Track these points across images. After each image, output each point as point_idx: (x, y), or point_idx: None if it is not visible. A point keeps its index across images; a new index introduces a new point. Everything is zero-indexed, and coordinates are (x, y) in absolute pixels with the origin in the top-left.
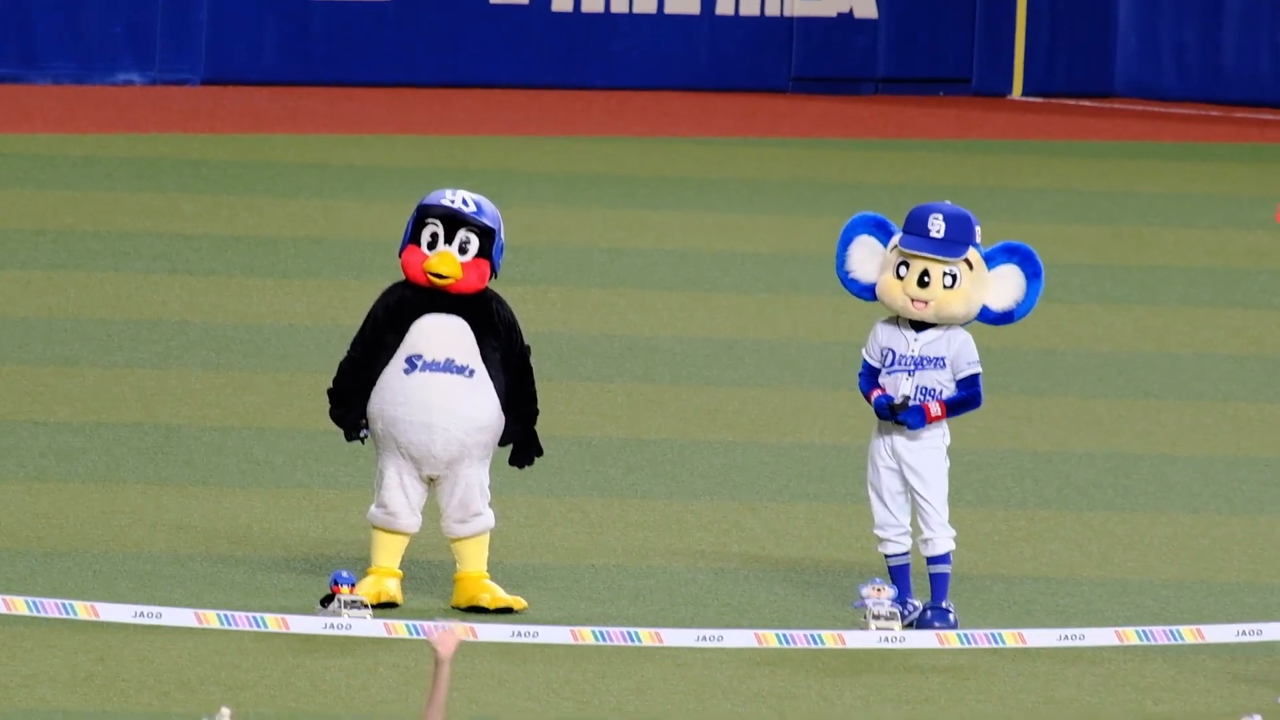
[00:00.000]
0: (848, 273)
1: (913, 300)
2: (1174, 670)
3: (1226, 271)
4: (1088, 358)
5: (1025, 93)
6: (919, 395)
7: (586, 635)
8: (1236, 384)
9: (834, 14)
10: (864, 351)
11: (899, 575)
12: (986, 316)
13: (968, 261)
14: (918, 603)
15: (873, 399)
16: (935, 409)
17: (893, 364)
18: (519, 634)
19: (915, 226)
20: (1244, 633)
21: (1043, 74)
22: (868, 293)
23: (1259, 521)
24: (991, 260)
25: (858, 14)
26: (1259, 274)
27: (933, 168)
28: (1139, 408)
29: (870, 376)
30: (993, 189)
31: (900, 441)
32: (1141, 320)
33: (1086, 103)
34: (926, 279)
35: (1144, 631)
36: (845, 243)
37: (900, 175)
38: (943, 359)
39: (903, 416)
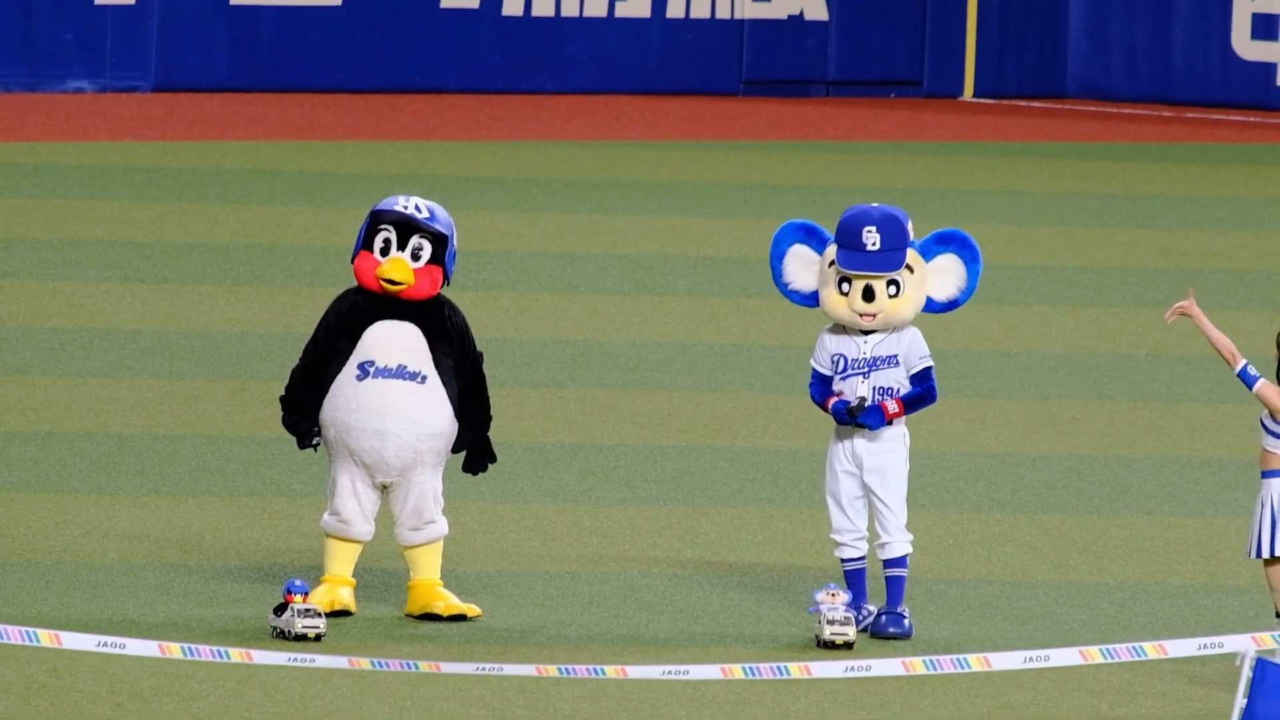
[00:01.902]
0: (786, 284)
1: (860, 315)
2: (1130, 674)
3: (1179, 272)
4: (1041, 359)
5: (976, 94)
6: (877, 395)
7: (551, 671)
8: (1190, 385)
9: (784, 16)
10: (813, 361)
11: (855, 580)
12: (932, 307)
13: (908, 266)
14: (872, 608)
15: (830, 405)
16: (893, 407)
17: (845, 369)
18: (483, 669)
19: (849, 239)
20: (1205, 646)
21: (994, 76)
22: (810, 300)
23: (1214, 523)
24: (928, 253)
25: (808, 16)
26: (1212, 274)
27: (884, 170)
28: (1093, 409)
29: (822, 384)
30: (945, 191)
31: (861, 444)
32: (1095, 321)
33: (1038, 104)
34: (871, 293)
35: (1108, 650)
36: (778, 256)
37: (852, 177)
38: (895, 357)
39: (862, 419)
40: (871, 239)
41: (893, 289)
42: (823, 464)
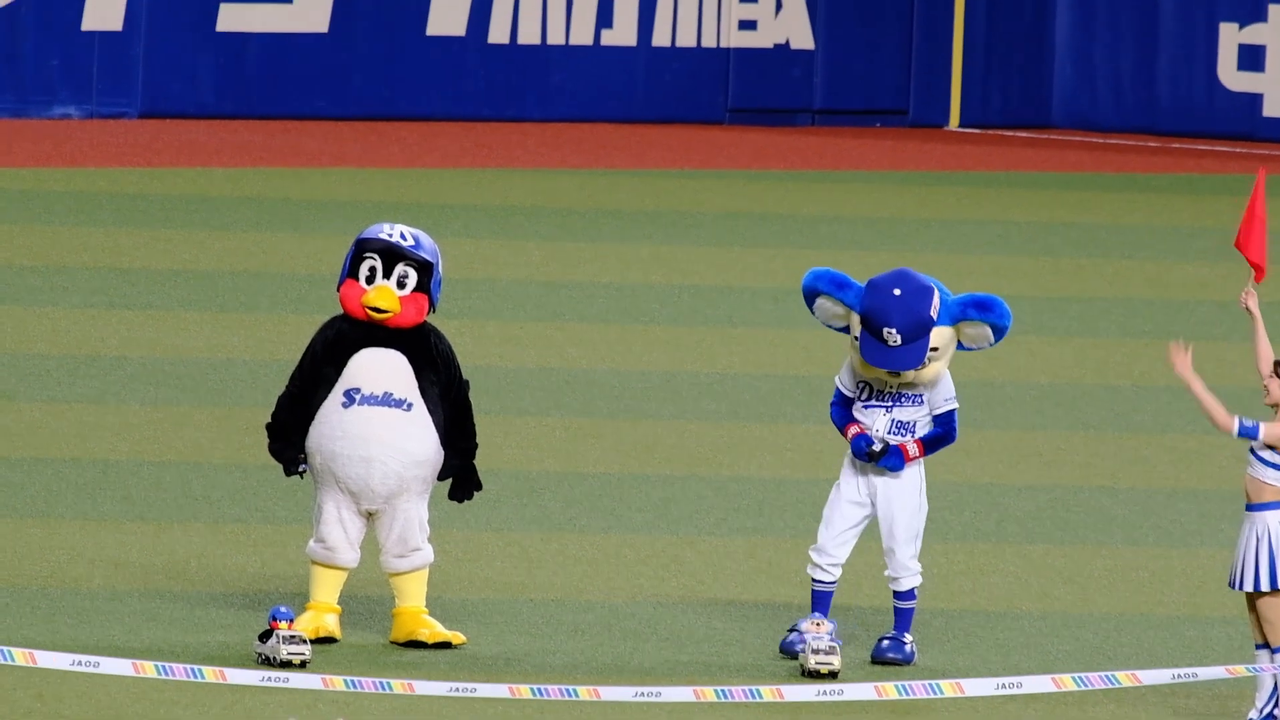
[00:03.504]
0: (826, 323)
1: (891, 382)
2: (1115, 705)
3: (1165, 303)
4: (1027, 390)
5: (962, 124)
6: (895, 430)
7: (524, 692)
8: (1175, 416)
9: (770, 45)
10: (838, 379)
11: (819, 602)
12: (961, 348)
13: (932, 348)
14: (800, 633)
15: (850, 436)
16: (913, 449)
17: (869, 399)
18: (457, 690)
19: (872, 329)
20: (1180, 675)
21: (979, 105)
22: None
23: (1198, 554)
24: (951, 319)
25: (794, 45)
26: (1198, 305)
27: (870, 199)
28: (1078, 440)
29: (844, 406)
30: (930, 221)
31: (876, 478)
32: (1080, 352)
33: (1023, 134)
34: (896, 373)
35: (1081, 678)
36: (809, 305)
37: (837, 207)
38: (921, 395)
39: (884, 462)
40: (893, 339)
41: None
42: (809, 493)
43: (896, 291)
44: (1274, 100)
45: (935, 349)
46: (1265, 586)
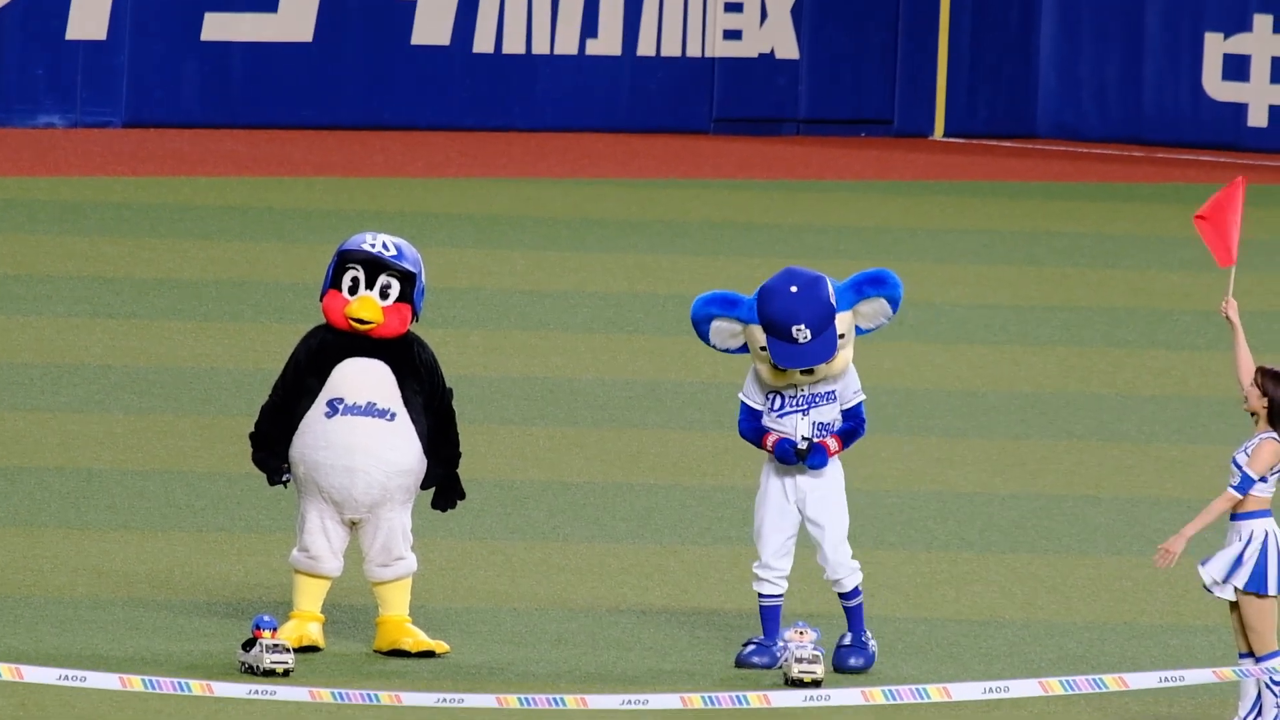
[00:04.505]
0: (720, 348)
1: (801, 375)
2: (1098, 713)
3: (1149, 312)
4: (1010, 399)
5: (947, 134)
6: (816, 431)
7: (512, 702)
8: (1159, 425)
9: (755, 55)
10: (742, 395)
11: (770, 616)
12: (859, 332)
13: (840, 334)
14: (784, 642)
15: (770, 444)
16: (834, 445)
17: (783, 407)
18: (444, 700)
19: (779, 333)
20: (1166, 679)
21: (964, 115)
22: (746, 350)
23: (1182, 563)
24: (848, 303)
25: (779, 54)
26: (1181, 315)
27: (854, 209)
28: (1062, 449)
29: (753, 420)
30: (915, 230)
31: (804, 481)
32: (1064, 361)
33: (1008, 143)
34: (810, 370)
35: (1068, 681)
36: (702, 334)
37: (822, 216)
38: (834, 392)
39: (809, 461)
40: (802, 335)
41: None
42: None
43: (793, 289)
44: (1259, 110)
45: (842, 335)
46: (1253, 589)
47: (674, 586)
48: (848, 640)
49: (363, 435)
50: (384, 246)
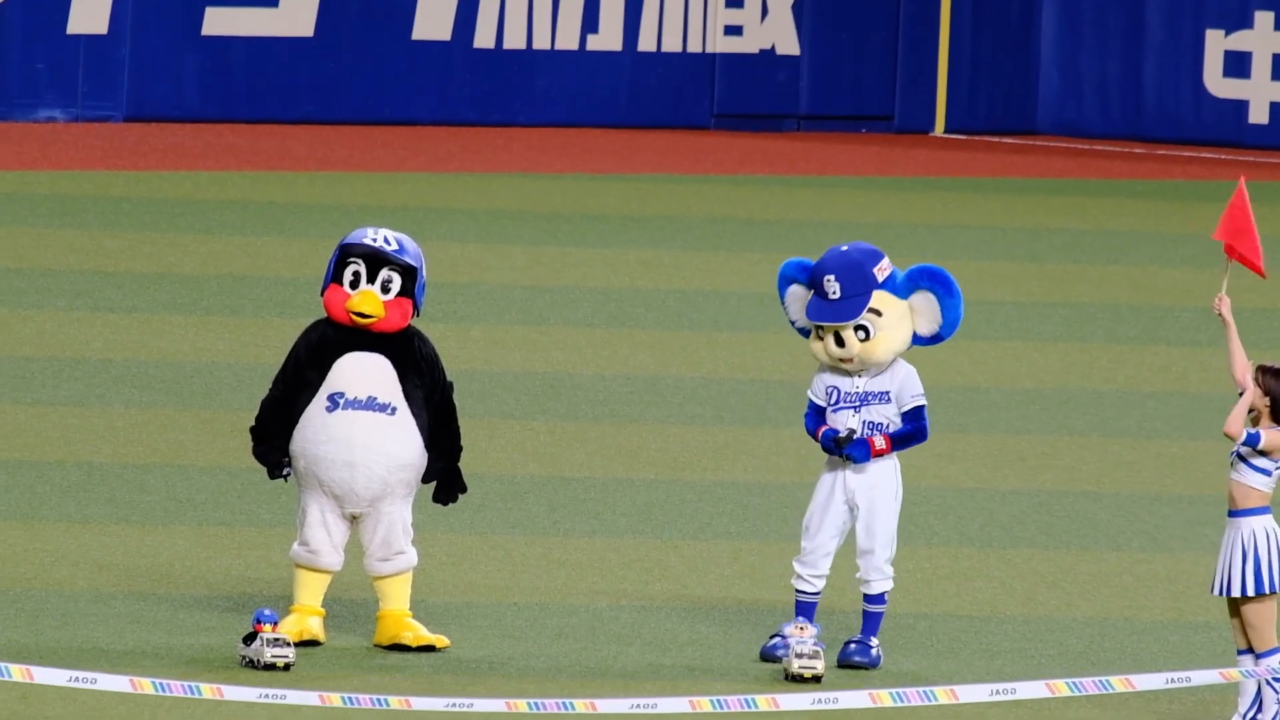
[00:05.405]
0: (794, 322)
1: (839, 359)
2: (1098, 710)
3: (1150, 308)
4: (1012, 394)
5: (948, 130)
6: (865, 430)
7: (521, 706)
8: (1160, 421)
9: (756, 50)
10: (809, 392)
11: (804, 610)
12: (919, 341)
13: (875, 310)
14: (784, 638)
15: (820, 434)
16: (880, 442)
17: (838, 401)
18: (453, 705)
19: (815, 286)
20: (1173, 680)
21: (965, 111)
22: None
23: (1182, 559)
24: (901, 292)
25: (780, 50)
26: (1182, 311)
27: (855, 205)
28: (1063, 445)
29: (817, 415)
30: (916, 226)
31: (853, 478)
32: (1065, 357)
33: (1009, 140)
34: (841, 340)
35: (1074, 683)
36: (782, 299)
37: (823, 212)
38: (888, 393)
39: (848, 450)
40: (831, 288)
41: (862, 334)
42: (793, 498)
43: (844, 247)
44: (1260, 107)
45: (879, 313)
46: (1250, 591)
47: (674, 581)
48: (855, 641)
49: (363, 429)
50: (385, 241)
